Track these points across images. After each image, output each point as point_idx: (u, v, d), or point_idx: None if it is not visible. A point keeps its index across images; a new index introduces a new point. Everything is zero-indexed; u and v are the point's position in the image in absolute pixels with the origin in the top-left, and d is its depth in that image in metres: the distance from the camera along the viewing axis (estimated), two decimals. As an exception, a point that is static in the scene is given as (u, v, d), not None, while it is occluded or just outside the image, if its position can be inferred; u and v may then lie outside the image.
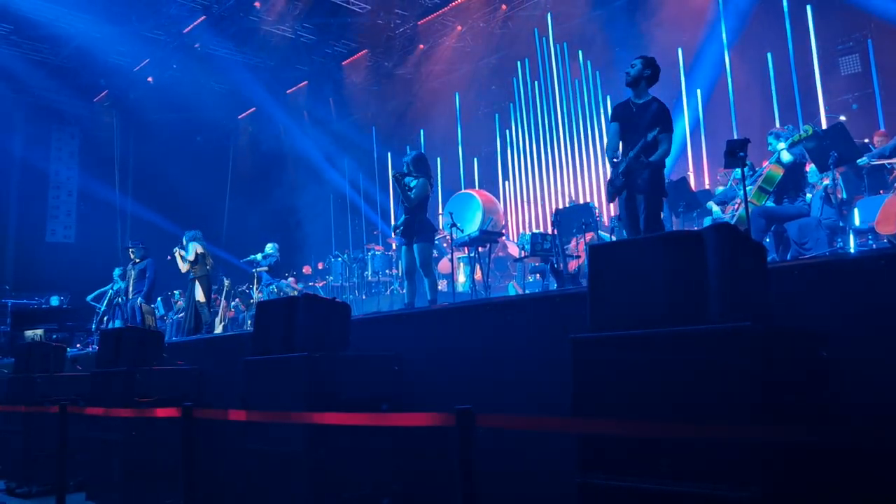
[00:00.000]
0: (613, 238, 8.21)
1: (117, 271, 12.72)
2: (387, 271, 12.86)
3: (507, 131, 15.16)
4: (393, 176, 6.94)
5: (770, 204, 6.64)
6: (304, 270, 15.09)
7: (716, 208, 7.91)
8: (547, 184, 14.28)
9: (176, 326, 13.16)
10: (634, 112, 5.52)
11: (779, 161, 6.55)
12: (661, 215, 5.54)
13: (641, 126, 5.37)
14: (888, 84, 9.88)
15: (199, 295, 9.75)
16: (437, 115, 15.94)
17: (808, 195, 6.99)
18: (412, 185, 6.79)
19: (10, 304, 13.73)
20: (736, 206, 7.24)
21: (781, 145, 6.54)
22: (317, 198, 18.24)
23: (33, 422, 6.12)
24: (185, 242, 10.02)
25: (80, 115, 17.56)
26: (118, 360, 5.29)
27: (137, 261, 10.98)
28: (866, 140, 7.93)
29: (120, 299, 12.42)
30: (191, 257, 9.79)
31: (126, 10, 13.57)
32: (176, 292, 14.55)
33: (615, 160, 5.55)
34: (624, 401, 2.39)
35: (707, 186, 10.79)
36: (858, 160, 6.98)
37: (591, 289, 2.65)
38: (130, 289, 10.99)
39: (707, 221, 7.94)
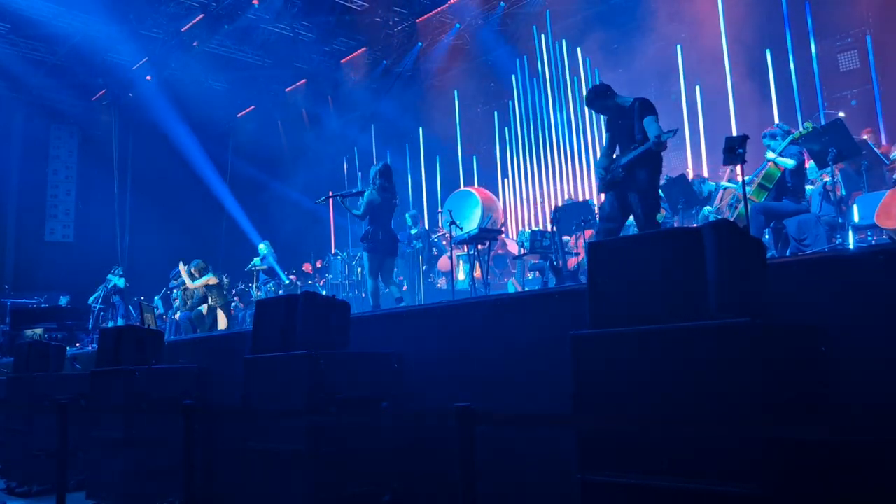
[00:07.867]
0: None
1: (117, 270, 12.69)
2: (386, 269, 12.82)
3: (506, 129, 15.13)
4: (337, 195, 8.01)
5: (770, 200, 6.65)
6: (304, 268, 15.07)
7: (708, 207, 7.96)
8: (546, 181, 14.26)
9: (175, 327, 13.15)
10: (618, 116, 5.53)
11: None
12: (657, 215, 5.51)
13: (626, 125, 5.35)
14: (887, 80, 9.87)
15: (223, 323, 9.84)
16: (436, 112, 15.92)
17: (809, 187, 7.00)
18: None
19: (9, 304, 13.70)
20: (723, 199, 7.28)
21: (774, 155, 6.58)
22: (316, 195, 18.20)
23: (33, 421, 6.13)
24: (191, 271, 10.27)
25: (78, 113, 17.53)
26: (118, 358, 5.29)
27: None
28: (865, 137, 7.93)
29: (115, 297, 12.44)
30: (198, 284, 9.94)
31: (124, 9, 13.54)
32: (175, 291, 14.52)
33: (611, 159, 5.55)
34: (624, 397, 2.39)
35: (706, 183, 10.78)
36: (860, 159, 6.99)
37: (590, 286, 2.66)
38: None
39: (703, 212, 7.97)
